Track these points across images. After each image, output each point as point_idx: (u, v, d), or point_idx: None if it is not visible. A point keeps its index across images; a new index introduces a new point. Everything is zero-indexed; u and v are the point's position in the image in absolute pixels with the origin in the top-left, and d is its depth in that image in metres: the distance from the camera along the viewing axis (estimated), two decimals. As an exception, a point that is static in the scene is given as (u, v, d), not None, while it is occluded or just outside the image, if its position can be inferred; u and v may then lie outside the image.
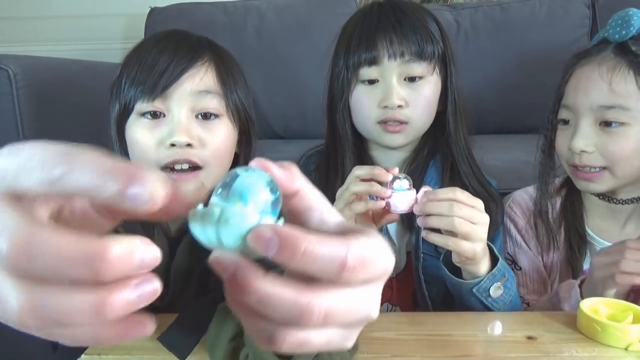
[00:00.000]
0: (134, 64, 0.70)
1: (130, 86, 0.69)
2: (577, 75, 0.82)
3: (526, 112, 1.71)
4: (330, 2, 1.81)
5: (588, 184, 0.82)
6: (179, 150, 0.67)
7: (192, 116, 0.70)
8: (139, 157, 0.70)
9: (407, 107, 0.84)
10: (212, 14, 1.78)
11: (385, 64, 0.83)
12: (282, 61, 1.74)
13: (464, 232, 0.65)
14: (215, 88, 0.71)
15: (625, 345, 0.59)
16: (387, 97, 0.83)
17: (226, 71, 0.74)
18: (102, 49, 1.84)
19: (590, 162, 0.79)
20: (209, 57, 0.72)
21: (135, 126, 0.70)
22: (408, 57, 0.82)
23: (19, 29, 2.03)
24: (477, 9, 1.78)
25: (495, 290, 0.71)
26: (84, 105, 1.39)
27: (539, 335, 0.62)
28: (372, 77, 0.84)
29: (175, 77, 0.67)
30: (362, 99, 0.86)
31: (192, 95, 0.69)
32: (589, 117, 0.78)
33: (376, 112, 0.85)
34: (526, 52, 1.68)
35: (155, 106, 0.68)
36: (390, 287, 0.89)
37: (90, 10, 2.00)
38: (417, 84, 0.84)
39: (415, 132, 0.88)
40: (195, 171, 0.69)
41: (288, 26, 1.77)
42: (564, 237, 0.87)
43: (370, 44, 0.83)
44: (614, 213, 0.86)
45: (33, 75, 1.25)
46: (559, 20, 1.70)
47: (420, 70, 0.84)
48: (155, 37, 0.74)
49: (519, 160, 1.26)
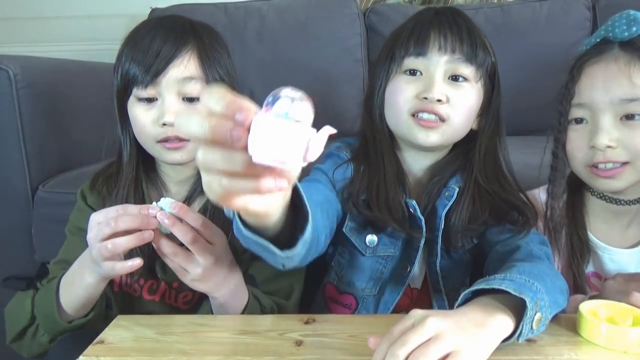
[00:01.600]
0: (129, 50, 0.83)
1: (127, 72, 0.82)
2: (591, 73, 0.81)
3: (527, 114, 1.71)
4: (331, 4, 1.81)
5: (610, 182, 0.80)
6: (169, 128, 0.81)
7: (180, 99, 0.82)
8: (138, 131, 0.85)
9: (447, 104, 0.80)
10: (212, 14, 1.78)
11: (434, 58, 0.80)
12: (282, 62, 1.74)
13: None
14: (198, 73, 0.83)
15: (624, 348, 0.59)
16: (429, 89, 0.79)
17: (208, 55, 0.84)
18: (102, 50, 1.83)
19: (614, 157, 0.78)
20: (192, 44, 0.83)
21: (134, 107, 0.84)
22: (458, 55, 0.80)
23: (20, 29, 2.04)
24: (477, 10, 1.77)
25: (537, 322, 0.59)
26: (84, 105, 1.39)
27: (538, 337, 0.62)
28: (416, 68, 0.82)
29: (162, 68, 0.80)
30: (400, 87, 0.82)
31: (178, 82, 0.81)
32: (609, 112, 0.78)
33: (412, 102, 0.81)
34: (527, 54, 1.68)
35: (149, 93, 0.82)
36: (410, 297, 0.88)
37: (91, 10, 2.01)
38: (460, 85, 0.82)
39: (450, 134, 0.83)
40: (183, 141, 0.83)
41: (289, 27, 1.77)
42: (566, 242, 0.86)
43: (423, 36, 0.81)
44: (617, 215, 0.85)
45: (33, 75, 1.25)
46: (559, 22, 1.70)
47: (467, 72, 0.81)
48: (148, 25, 0.86)
49: (520, 162, 1.25)
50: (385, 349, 0.51)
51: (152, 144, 0.84)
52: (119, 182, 0.87)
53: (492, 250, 0.81)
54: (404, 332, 0.52)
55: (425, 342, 0.50)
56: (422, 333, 0.51)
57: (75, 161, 1.36)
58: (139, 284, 0.87)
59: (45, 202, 1.23)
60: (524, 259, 0.72)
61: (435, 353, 0.49)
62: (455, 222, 0.83)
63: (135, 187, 0.87)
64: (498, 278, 0.61)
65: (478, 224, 0.83)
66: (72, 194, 0.94)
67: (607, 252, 0.85)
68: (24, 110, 1.21)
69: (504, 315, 0.57)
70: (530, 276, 0.62)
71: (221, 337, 0.65)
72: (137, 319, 0.69)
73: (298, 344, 0.62)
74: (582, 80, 0.82)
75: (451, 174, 0.86)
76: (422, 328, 0.51)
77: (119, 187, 0.86)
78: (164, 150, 0.83)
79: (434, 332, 0.51)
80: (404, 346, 0.50)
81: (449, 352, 0.50)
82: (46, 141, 1.28)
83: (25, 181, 1.23)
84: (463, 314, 0.56)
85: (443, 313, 0.55)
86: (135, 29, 0.86)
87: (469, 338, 0.52)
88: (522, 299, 0.57)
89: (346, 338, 0.63)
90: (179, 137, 0.82)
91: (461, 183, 0.85)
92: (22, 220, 1.24)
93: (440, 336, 0.51)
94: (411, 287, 0.88)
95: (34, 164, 1.24)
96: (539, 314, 0.59)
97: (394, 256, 0.85)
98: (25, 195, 1.24)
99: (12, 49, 1.75)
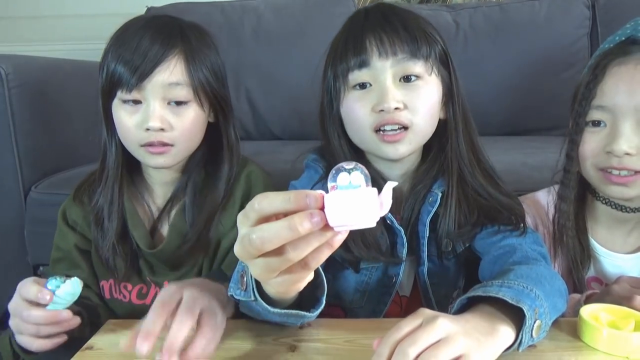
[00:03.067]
0: (116, 49, 0.80)
1: (111, 78, 0.80)
2: (616, 75, 0.77)
3: (526, 113, 1.71)
4: (328, 3, 1.80)
5: (622, 190, 0.77)
6: (153, 133, 0.80)
7: (165, 104, 0.81)
8: (122, 134, 0.83)
9: (405, 110, 0.75)
10: (209, 14, 1.77)
11: (377, 65, 0.75)
12: (279, 61, 1.73)
13: None
14: (184, 79, 0.81)
15: (626, 353, 0.58)
16: (383, 100, 0.74)
17: (194, 58, 0.82)
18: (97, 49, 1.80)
19: (630, 165, 0.75)
20: (180, 48, 0.81)
21: (118, 110, 0.82)
22: (401, 55, 0.75)
23: (13, 28, 2.02)
24: (476, 9, 1.76)
25: (537, 330, 0.57)
26: (77, 105, 1.37)
27: (538, 343, 0.60)
28: (363, 81, 0.77)
29: (147, 72, 0.78)
30: (354, 106, 0.77)
31: (163, 87, 0.80)
32: (631, 118, 0.75)
33: (371, 118, 0.76)
34: (525, 53, 1.66)
35: (133, 96, 0.80)
36: (399, 306, 0.86)
37: (86, 9, 1.99)
38: (414, 84, 0.76)
39: (418, 139, 0.79)
40: (167, 146, 0.81)
41: (285, 26, 1.76)
42: (567, 246, 0.84)
43: (359, 46, 0.76)
44: (620, 222, 0.84)
45: (26, 75, 1.24)
46: (558, 21, 1.69)
47: (417, 69, 0.76)
48: (136, 25, 0.83)
49: (518, 162, 1.24)
50: (391, 344, 0.49)
51: (136, 148, 0.82)
52: (103, 184, 0.85)
53: (486, 253, 0.78)
54: (413, 330, 0.50)
55: (436, 343, 0.49)
56: (432, 333, 0.49)
57: (68, 162, 1.34)
58: (126, 289, 0.86)
59: (38, 203, 1.22)
60: (520, 262, 0.70)
61: (446, 355, 0.48)
62: (443, 227, 0.80)
63: (120, 189, 0.85)
64: (495, 285, 0.59)
65: (468, 227, 0.80)
66: (66, 195, 0.93)
67: (608, 257, 0.84)
68: (16, 110, 1.20)
69: (505, 325, 0.55)
70: (529, 281, 0.60)
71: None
72: (128, 323, 0.67)
73: (292, 350, 0.61)
74: (606, 81, 0.78)
75: (433, 179, 0.82)
76: (432, 328, 0.49)
77: (103, 188, 0.85)
78: (148, 154, 0.82)
79: (444, 334, 0.49)
80: (414, 345, 0.48)
81: (458, 355, 0.49)
82: (39, 142, 1.27)
83: (18, 182, 1.22)
84: (467, 321, 0.54)
85: (450, 316, 0.53)
86: (123, 28, 0.84)
87: (478, 343, 0.51)
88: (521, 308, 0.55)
89: (341, 343, 0.62)
90: (163, 141, 0.81)
91: (444, 187, 0.81)
92: (15, 222, 1.23)
93: (451, 338, 0.49)
94: (400, 296, 0.86)
95: (26, 164, 1.23)
96: (539, 321, 0.57)
97: (379, 267, 0.82)
98: (18, 196, 1.23)
99: (5, 48, 1.74)
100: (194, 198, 0.85)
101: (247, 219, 0.43)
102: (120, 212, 0.84)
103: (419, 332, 0.49)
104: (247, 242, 0.42)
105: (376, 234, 0.78)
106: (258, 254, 0.42)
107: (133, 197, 0.87)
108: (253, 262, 0.44)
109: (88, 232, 0.87)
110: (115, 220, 0.84)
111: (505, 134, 1.65)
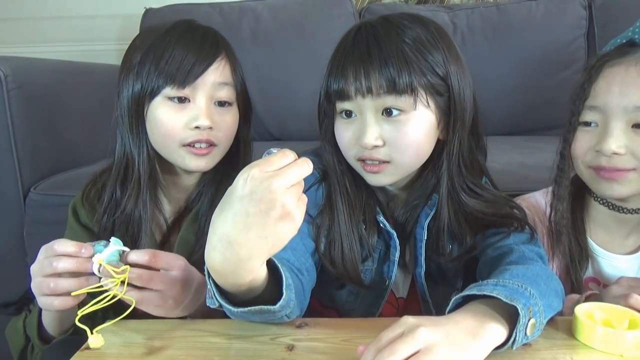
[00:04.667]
0: (158, 54, 0.80)
1: (158, 74, 0.80)
2: (609, 76, 0.78)
3: (523, 113, 1.71)
4: (326, 4, 1.80)
5: (613, 186, 0.77)
6: (202, 132, 0.81)
7: (212, 103, 0.83)
8: (163, 133, 0.82)
9: (385, 146, 0.74)
10: (207, 14, 1.77)
11: (359, 101, 0.74)
12: (277, 62, 1.74)
13: None
14: (231, 80, 0.85)
15: (621, 351, 0.58)
16: (362, 136, 0.73)
17: (235, 64, 0.86)
18: (96, 50, 1.83)
19: (620, 164, 0.76)
20: (225, 51, 0.85)
21: (162, 107, 0.81)
22: (380, 91, 0.72)
23: (11, 30, 2.02)
24: (473, 10, 1.77)
25: (531, 329, 0.58)
26: (76, 106, 1.38)
27: (533, 341, 0.61)
28: (348, 109, 0.76)
29: (202, 71, 0.80)
30: (340, 134, 0.78)
31: (214, 86, 0.82)
32: (621, 118, 0.76)
33: (354, 149, 0.76)
34: (523, 53, 1.67)
35: (184, 93, 0.80)
36: (395, 307, 0.85)
37: (84, 11, 1.99)
38: (396, 120, 0.73)
39: (401, 172, 0.78)
40: (211, 147, 0.83)
41: (284, 27, 1.77)
42: (565, 246, 0.84)
43: (341, 78, 0.74)
44: (619, 223, 0.84)
45: (24, 77, 1.24)
46: (555, 22, 1.70)
47: (399, 104, 0.72)
48: (176, 30, 0.83)
49: (516, 162, 1.25)
50: (372, 355, 0.50)
51: (176, 148, 0.81)
52: (131, 191, 0.83)
53: (484, 254, 0.78)
54: (392, 340, 0.50)
55: (415, 354, 0.49)
56: (411, 344, 0.49)
57: (67, 163, 1.35)
58: None
59: (37, 204, 1.22)
60: (517, 262, 0.70)
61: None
62: (440, 227, 0.79)
63: (150, 196, 0.84)
64: (490, 284, 0.60)
65: (465, 227, 0.79)
66: (65, 196, 0.94)
67: (606, 258, 0.84)
68: (15, 112, 1.20)
69: (496, 323, 0.56)
70: (524, 280, 0.60)
71: (212, 342, 0.64)
72: (127, 324, 0.67)
73: (290, 349, 0.61)
74: (599, 82, 0.78)
75: (431, 191, 0.81)
76: (412, 339, 0.50)
77: (131, 196, 0.83)
78: (189, 155, 0.81)
79: (423, 344, 0.49)
80: (392, 355, 0.48)
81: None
82: (38, 143, 1.27)
83: (17, 183, 1.22)
84: (455, 323, 0.54)
85: (435, 322, 0.54)
86: (157, 35, 0.83)
87: (459, 350, 0.51)
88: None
89: (339, 342, 0.62)
90: (211, 140, 0.81)
91: (442, 193, 0.80)
92: (14, 223, 1.23)
93: (430, 349, 0.49)
94: (397, 297, 0.86)
95: (25, 166, 1.23)
96: (533, 319, 0.57)
97: (371, 269, 0.82)
98: (17, 197, 1.23)
99: (4, 49, 1.74)
100: (211, 205, 0.85)
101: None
102: (141, 225, 0.83)
103: (398, 343, 0.49)
104: None
105: (357, 242, 0.79)
106: None
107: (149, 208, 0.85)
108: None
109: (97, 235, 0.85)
110: (149, 229, 0.83)
111: (503, 134, 1.66)
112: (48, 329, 0.76)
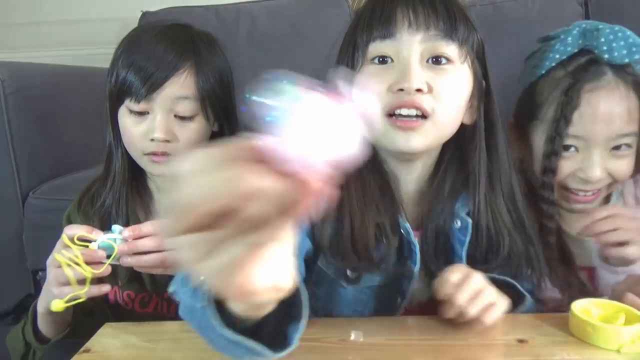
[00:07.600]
0: (127, 56, 0.81)
1: (123, 80, 0.80)
2: (591, 103, 0.76)
3: (520, 111, 1.71)
4: (322, 5, 1.80)
5: (585, 206, 0.82)
6: (157, 143, 0.81)
7: (171, 116, 0.81)
8: (126, 141, 0.83)
9: (429, 94, 0.64)
10: (203, 17, 1.77)
11: (405, 39, 0.64)
12: (274, 64, 1.71)
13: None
14: (192, 93, 0.82)
15: (617, 347, 0.58)
16: (404, 77, 0.63)
17: (204, 71, 0.83)
18: (92, 54, 1.82)
19: (598, 186, 0.80)
20: (191, 62, 0.82)
21: (124, 117, 0.82)
22: (434, 32, 0.64)
23: (8, 35, 2.02)
24: (469, 7, 1.77)
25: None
26: (74, 110, 1.38)
27: (530, 338, 0.61)
28: (384, 54, 0.66)
29: (159, 84, 0.79)
30: (372, 81, 0.65)
31: (172, 100, 0.80)
32: (603, 145, 0.77)
33: (386, 98, 0.64)
34: (519, 51, 1.67)
35: (141, 107, 0.80)
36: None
37: (81, 15, 1.99)
38: (443, 69, 0.65)
39: (437, 133, 0.67)
40: (170, 155, 0.82)
41: (280, 28, 1.77)
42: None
43: (387, 15, 0.65)
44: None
45: (22, 81, 1.24)
46: (551, 19, 1.69)
47: (449, 52, 0.65)
48: (149, 34, 0.83)
49: (513, 161, 1.25)
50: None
51: (140, 155, 0.83)
52: (109, 187, 0.86)
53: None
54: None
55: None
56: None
57: (66, 167, 1.34)
58: (130, 297, 0.86)
59: (36, 208, 1.22)
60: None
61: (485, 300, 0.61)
62: (475, 256, 0.71)
63: (126, 193, 0.86)
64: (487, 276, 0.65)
65: (493, 264, 0.71)
66: (64, 200, 0.94)
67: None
68: (12, 116, 1.20)
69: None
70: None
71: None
72: (125, 326, 0.68)
73: (288, 349, 0.61)
74: (583, 108, 0.76)
75: (453, 195, 0.72)
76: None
77: (109, 192, 0.85)
78: (151, 163, 0.83)
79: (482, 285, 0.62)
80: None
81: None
82: (36, 147, 1.27)
83: (16, 188, 1.22)
84: None
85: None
86: (136, 35, 0.85)
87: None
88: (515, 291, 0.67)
89: (335, 342, 0.63)
90: (166, 152, 0.81)
91: (469, 207, 0.71)
92: (13, 228, 1.23)
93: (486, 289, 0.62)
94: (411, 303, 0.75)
95: (24, 170, 1.23)
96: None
97: (381, 285, 0.72)
98: (16, 202, 1.23)
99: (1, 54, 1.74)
100: None
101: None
102: (126, 218, 0.85)
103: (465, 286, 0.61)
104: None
105: (386, 221, 0.69)
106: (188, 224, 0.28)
107: (138, 206, 0.87)
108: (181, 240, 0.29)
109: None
110: (122, 224, 0.84)
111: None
112: (43, 331, 0.77)
